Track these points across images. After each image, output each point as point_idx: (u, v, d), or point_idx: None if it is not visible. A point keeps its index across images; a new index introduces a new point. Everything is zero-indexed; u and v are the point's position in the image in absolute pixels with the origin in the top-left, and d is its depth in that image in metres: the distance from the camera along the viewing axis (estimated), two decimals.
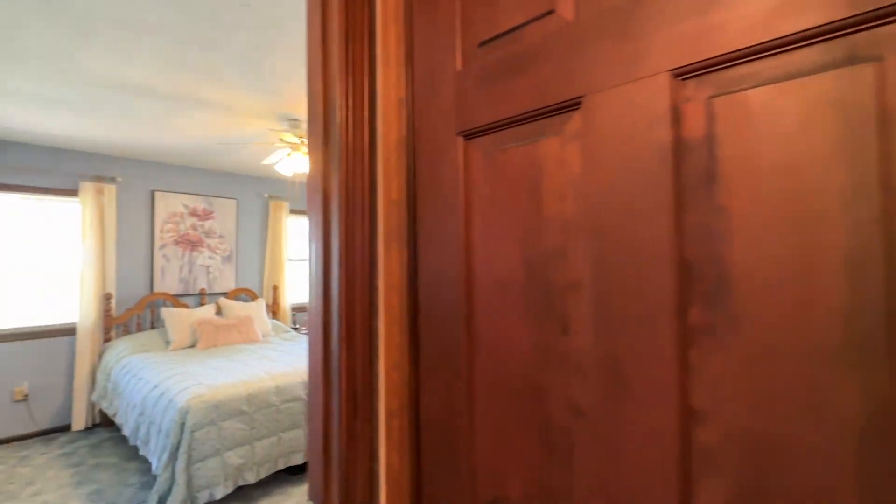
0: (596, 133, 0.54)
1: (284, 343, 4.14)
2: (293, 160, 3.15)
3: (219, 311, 4.53)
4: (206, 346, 3.88)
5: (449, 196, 0.72)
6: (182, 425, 2.48)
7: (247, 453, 2.65)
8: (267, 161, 3.58)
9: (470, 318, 0.69)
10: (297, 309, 5.55)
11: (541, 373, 0.60)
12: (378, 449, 0.79)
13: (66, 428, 3.85)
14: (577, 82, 0.56)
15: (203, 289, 4.63)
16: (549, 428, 0.59)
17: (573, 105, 0.57)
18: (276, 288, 5.16)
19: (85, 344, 3.87)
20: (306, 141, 3.19)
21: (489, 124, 0.66)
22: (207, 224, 4.76)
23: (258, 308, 4.59)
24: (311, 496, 0.82)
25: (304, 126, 3.25)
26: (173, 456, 2.44)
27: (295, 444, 2.88)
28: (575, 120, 0.57)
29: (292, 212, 5.51)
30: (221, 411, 2.61)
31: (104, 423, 3.92)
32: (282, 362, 3.28)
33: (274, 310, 5.14)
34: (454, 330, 0.71)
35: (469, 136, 0.70)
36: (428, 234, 0.75)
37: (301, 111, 2.98)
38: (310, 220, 0.82)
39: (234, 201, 4.98)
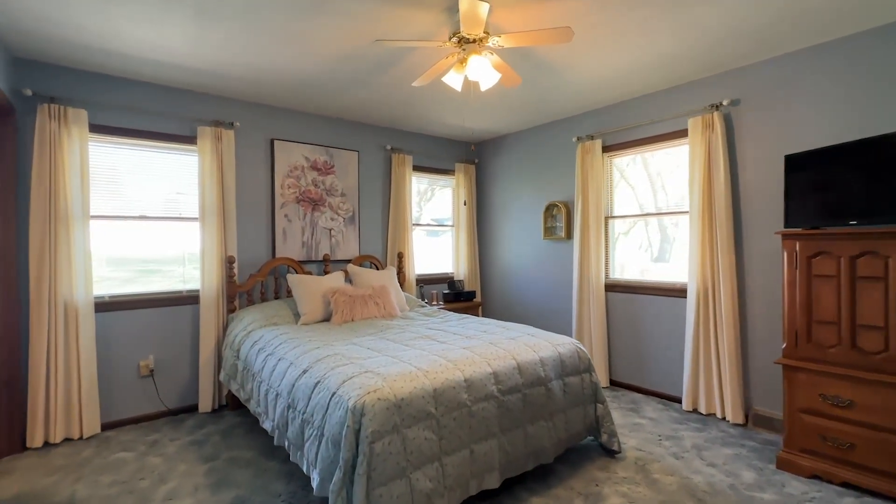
0: None
1: (430, 319, 3.35)
2: (473, 66, 2.24)
3: (348, 280, 3.87)
4: (342, 320, 3.19)
5: None
6: (357, 433, 1.71)
7: (436, 474, 1.85)
8: (417, 83, 2.72)
9: None
10: (424, 281, 4.79)
11: None
12: None
13: (192, 408, 3.39)
14: None
15: (327, 255, 3.99)
16: None
17: None
18: (401, 256, 4.42)
19: (209, 314, 3.36)
20: (491, 38, 2.25)
21: None
22: (328, 180, 4.09)
23: (390, 277, 3.85)
24: None
25: (487, 21, 2.32)
26: (348, 477, 1.68)
27: (488, 461, 2.04)
28: None
29: (416, 168, 4.71)
30: (405, 413, 1.81)
31: (231, 405, 3.41)
32: (454, 345, 2.45)
33: (399, 280, 4.41)
34: None
35: None
36: None
37: None
38: None
39: (356, 154, 4.26)
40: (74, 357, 2.89)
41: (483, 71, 2.27)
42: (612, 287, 3.88)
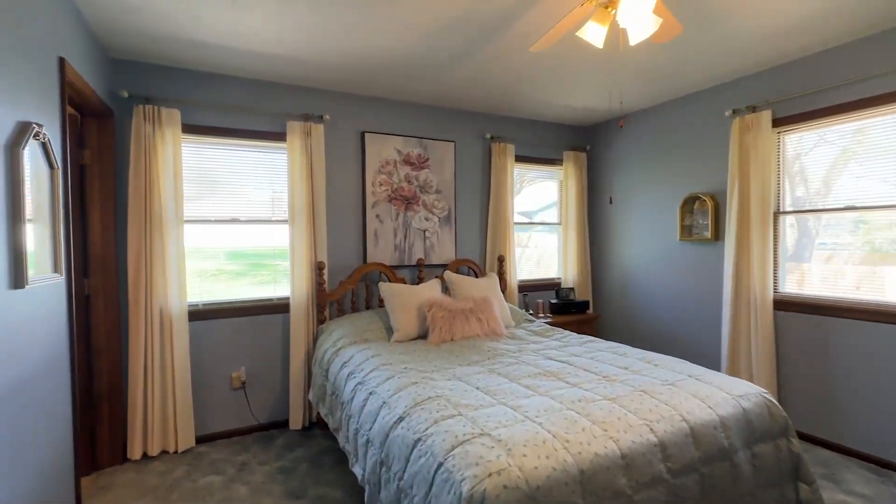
0: None
1: (544, 341, 2.76)
2: (628, 8, 1.59)
3: (444, 289, 3.41)
4: (441, 339, 2.72)
5: None
6: None
7: None
8: (536, 47, 2.12)
9: None
10: (527, 288, 4.19)
11: None
12: None
13: (283, 424, 3.18)
14: None
15: (421, 259, 3.57)
16: None
17: None
18: (501, 259, 3.86)
19: (299, 324, 3.11)
20: None
21: None
22: (422, 175, 3.66)
23: (493, 286, 3.32)
24: None
25: None
26: None
27: None
28: None
29: (518, 159, 4.10)
30: None
31: (321, 423, 3.15)
32: (591, 390, 1.83)
33: (500, 287, 3.86)
34: None
35: None
36: None
37: None
38: None
39: (451, 145, 3.78)
40: (169, 367, 2.78)
41: (640, 14, 1.61)
42: (785, 304, 2.94)
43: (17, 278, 1.44)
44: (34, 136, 1.56)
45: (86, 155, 2.60)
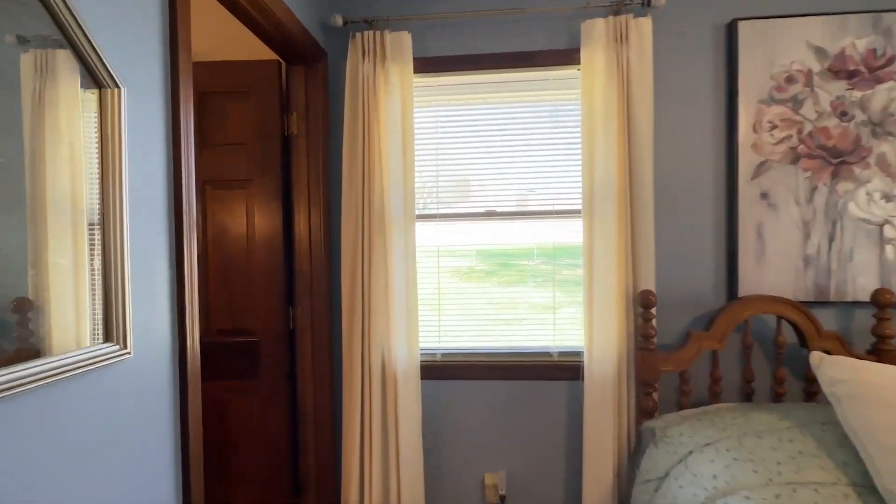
0: None
1: None
2: None
3: None
4: None
5: None
6: None
7: None
8: None
9: None
10: None
11: None
12: None
13: None
14: None
15: (887, 292, 1.52)
16: None
17: None
18: None
19: (601, 412, 1.60)
20: None
21: None
22: (877, 98, 1.60)
23: None
24: None
25: None
26: None
27: None
28: None
29: None
30: None
31: None
32: None
33: None
34: None
35: None
36: None
37: None
38: None
39: None
40: (394, 453, 1.70)
41: None
42: None
43: None
44: None
45: (291, 120, 1.74)
